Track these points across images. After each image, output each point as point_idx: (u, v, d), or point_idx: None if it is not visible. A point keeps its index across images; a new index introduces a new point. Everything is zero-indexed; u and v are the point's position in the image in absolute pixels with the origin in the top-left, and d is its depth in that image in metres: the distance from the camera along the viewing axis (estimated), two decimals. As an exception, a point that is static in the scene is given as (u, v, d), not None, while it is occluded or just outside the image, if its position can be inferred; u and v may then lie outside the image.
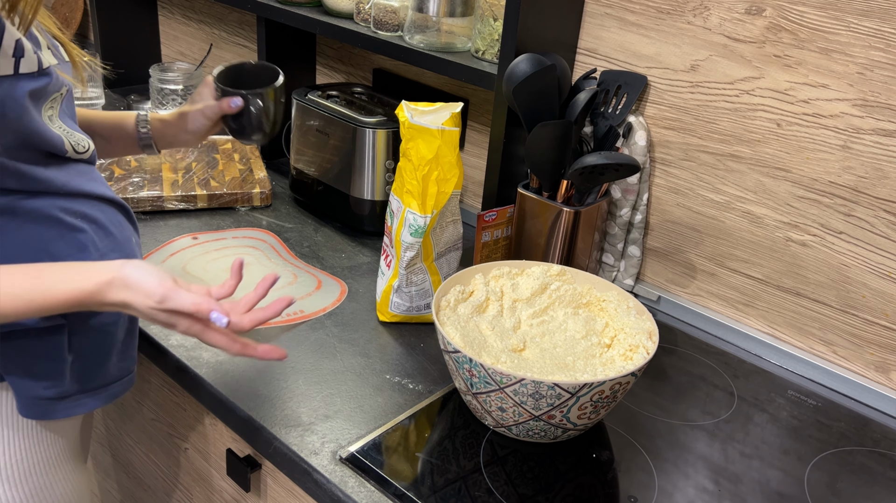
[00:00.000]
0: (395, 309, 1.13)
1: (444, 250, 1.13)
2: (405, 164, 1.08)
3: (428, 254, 1.11)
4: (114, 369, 0.93)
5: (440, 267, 1.13)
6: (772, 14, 1.03)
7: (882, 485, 0.93)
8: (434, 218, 1.07)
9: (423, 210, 1.07)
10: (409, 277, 1.11)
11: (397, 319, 1.14)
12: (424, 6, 1.24)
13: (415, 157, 1.06)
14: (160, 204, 1.41)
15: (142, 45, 2.08)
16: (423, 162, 1.05)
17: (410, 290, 1.12)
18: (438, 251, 1.12)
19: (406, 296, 1.12)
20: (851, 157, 1.02)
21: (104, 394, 0.92)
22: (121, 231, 0.92)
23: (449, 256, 1.15)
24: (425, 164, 1.05)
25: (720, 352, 1.17)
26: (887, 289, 1.04)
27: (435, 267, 1.13)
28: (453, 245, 1.15)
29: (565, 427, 0.89)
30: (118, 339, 0.91)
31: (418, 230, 1.07)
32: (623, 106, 1.17)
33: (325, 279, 1.25)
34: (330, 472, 0.86)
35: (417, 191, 1.06)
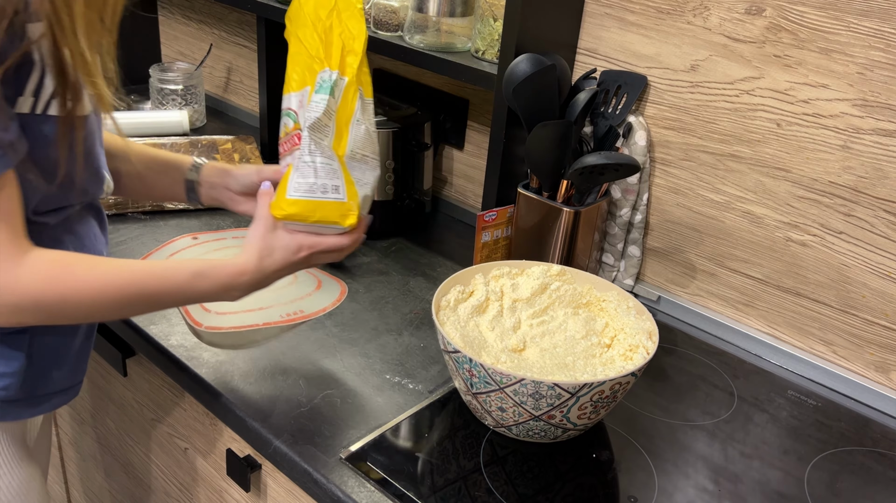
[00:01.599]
0: (293, 192, 0.87)
1: (359, 153, 0.91)
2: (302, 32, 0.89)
3: (341, 138, 0.89)
4: (61, 380, 0.92)
5: (352, 169, 0.90)
6: (772, 14, 1.03)
7: (882, 485, 0.93)
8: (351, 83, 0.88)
9: (329, 64, 0.88)
10: (314, 144, 0.87)
11: (294, 209, 0.87)
12: (424, 6, 1.24)
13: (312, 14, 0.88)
14: (160, 204, 1.41)
15: (142, 45, 2.07)
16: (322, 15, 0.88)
17: (315, 162, 0.87)
18: (352, 149, 0.90)
19: (309, 169, 0.87)
20: (851, 157, 1.02)
21: (46, 404, 0.92)
22: (94, 243, 0.92)
23: (363, 166, 0.92)
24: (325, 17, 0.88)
25: (720, 352, 1.17)
26: (887, 289, 1.04)
27: (346, 164, 0.89)
28: (370, 156, 0.93)
29: (565, 427, 0.89)
30: (75, 347, 0.91)
31: (323, 87, 0.87)
32: (623, 106, 1.17)
33: (325, 279, 1.25)
34: (330, 472, 0.86)
35: (319, 46, 0.88)
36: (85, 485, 1.53)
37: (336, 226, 0.89)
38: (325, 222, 0.89)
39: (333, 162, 0.89)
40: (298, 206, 0.88)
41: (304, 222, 0.88)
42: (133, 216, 1.40)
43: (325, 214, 0.88)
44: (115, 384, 1.28)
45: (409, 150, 1.38)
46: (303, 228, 0.89)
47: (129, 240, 1.31)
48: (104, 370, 1.29)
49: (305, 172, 0.87)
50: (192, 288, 0.85)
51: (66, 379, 0.93)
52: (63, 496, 1.63)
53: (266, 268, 0.88)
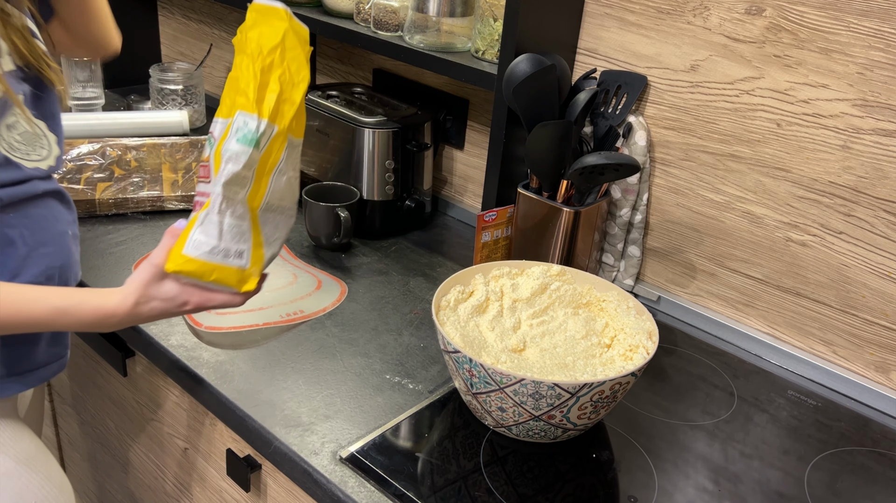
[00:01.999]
0: (192, 250, 0.80)
1: (276, 204, 0.84)
2: (240, 60, 0.80)
3: (258, 190, 0.81)
4: (42, 354, 0.94)
5: (264, 223, 0.83)
6: (772, 14, 1.03)
7: (882, 485, 0.93)
8: (280, 133, 0.80)
9: (259, 111, 0.78)
10: (226, 202, 0.79)
11: (190, 268, 0.80)
12: (424, 6, 1.24)
13: (254, 46, 0.79)
14: (160, 204, 1.41)
15: (142, 45, 2.07)
16: (264, 50, 0.79)
17: (223, 221, 0.80)
18: (269, 200, 0.82)
19: (214, 230, 0.79)
20: (851, 157, 1.02)
21: (32, 377, 0.93)
22: (54, 225, 0.93)
23: (278, 218, 0.85)
24: (268, 53, 0.79)
25: (720, 352, 1.17)
26: (887, 289, 1.04)
27: (258, 219, 0.82)
28: (287, 206, 0.86)
29: (565, 427, 0.89)
30: None
31: (248, 136, 0.78)
32: (623, 106, 1.17)
33: (325, 279, 1.25)
34: (330, 472, 0.86)
35: (253, 87, 0.78)
36: (85, 485, 1.53)
37: (231, 289, 0.84)
38: (221, 284, 0.83)
39: (244, 222, 0.82)
40: (194, 265, 0.81)
41: (198, 280, 0.82)
42: (133, 216, 1.40)
43: (221, 277, 0.82)
44: (115, 384, 1.28)
45: (408, 150, 1.38)
46: (195, 284, 0.83)
47: (129, 240, 1.31)
48: (104, 370, 1.29)
49: (209, 231, 0.80)
50: (52, 323, 0.83)
51: (47, 353, 0.94)
52: (63, 496, 1.63)
53: (139, 314, 0.84)
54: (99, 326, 0.85)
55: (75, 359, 1.36)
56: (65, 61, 1.78)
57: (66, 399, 1.45)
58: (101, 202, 1.37)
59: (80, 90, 1.81)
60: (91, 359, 1.31)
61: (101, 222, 1.36)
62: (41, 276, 0.91)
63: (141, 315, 0.85)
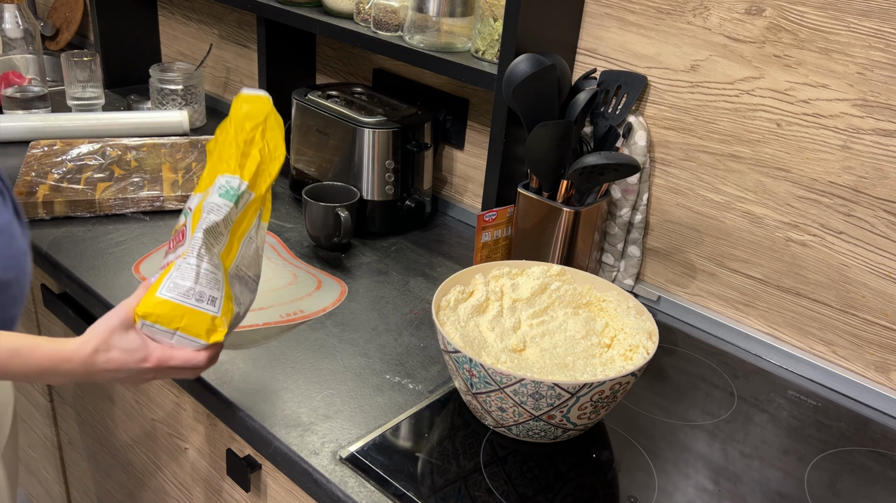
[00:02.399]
0: (166, 291, 0.81)
1: (243, 272, 0.88)
2: (222, 136, 0.88)
3: (230, 251, 0.85)
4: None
5: (233, 284, 0.86)
6: (772, 14, 1.03)
7: (882, 485, 0.93)
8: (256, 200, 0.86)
9: (241, 174, 0.85)
10: (205, 248, 0.81)
11: (161, 310, 0.80)
12: (424, 6, 1.24)
13: (236, 120, 0.87)
14: (160, 204, 1.41)
15: (142, 45, 2.08)
16: (247, 126, 0.87)
17: (200, 266, 0.81)
18: (238, 264, 0.87)
19: (191, 273, 0.81)
20: (851, 157, 1.02)
21: None
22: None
23: (244, 288, 0.89)
24: (250, 129, 0.87)
25: (720, 352, 1.17)
26: (887, 289, 1.04)
27: (228, 279, 0.85)
28: (252, 277, 0.90)
29: (565, 427, 0.89)
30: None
31: (229, 192, 0.84)
32: (623, 106, 1.17)
33: (325, 279, 1.25)
34: (330, 472, 0.86)
35: (235, 155, 0.85)
36: (85, 485, 1.53)
37: (198, 340, 0.82)
38: (188, 333, 0.82)
39: (219, 272, 0.83)
40: (166, 307, 0.81)
41: (166, 327, 0.81)
42: (133, 216, 1.40)
43: (190, 323, 0.81)
44: (115, 384, 1.28)
45: (408, 150, 1.38)
46: (160, 335, 0.82)
47: (129, 240, 1.31)
48: (104, 370, 1.29)
49: (186, 274, 0.81)
50: (5, 367, 0.80)
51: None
52: (63, 496, 1.63)
53: (96, 364, 0.81)
54: (52, 373, 0.81)
55: (75, 359, 1.36)
56: (65, 61, 1.78)
57: (67, 399, 1.46)
58: (101, 202, 1.37)
59: (80, 90, 1.81)
60: (91, 359, 1.31)
61: (101, 222, 1.36)
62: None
63: (96, 364, 0.81)
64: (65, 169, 1.47)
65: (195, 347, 0.82)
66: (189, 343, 0.82)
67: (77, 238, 1.30)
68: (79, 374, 0.82)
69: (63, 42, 2.25)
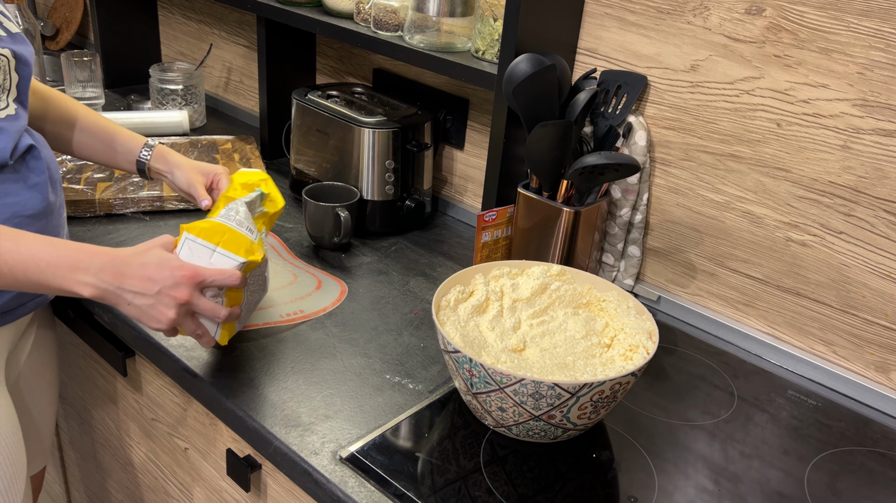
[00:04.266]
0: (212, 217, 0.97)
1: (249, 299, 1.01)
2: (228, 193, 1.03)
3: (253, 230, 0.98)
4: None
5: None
6: (772, 14, 1.03)
7: (882, 485, 0.93)
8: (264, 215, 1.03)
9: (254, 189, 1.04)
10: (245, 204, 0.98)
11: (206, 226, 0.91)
12: (424, 6, 1.24)
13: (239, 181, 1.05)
14: (160, 204, 1.41)
15: (142, 45, 2.08)
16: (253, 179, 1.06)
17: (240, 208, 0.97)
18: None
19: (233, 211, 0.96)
20: (851, 157, 1.02)
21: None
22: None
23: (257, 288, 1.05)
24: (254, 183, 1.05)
25: (720, 352, 1.17)
26: (887, 289, 1.04)
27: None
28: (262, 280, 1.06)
29: (565, 427, 0.89)
30: None
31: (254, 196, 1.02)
32: (623, 106, 1.17)
33: (325, 279, 1.25)
34: (330, 472, 0.86)
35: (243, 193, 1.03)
36: (85, 485, 1.53)
37: (236, 257, 0.89)
38: (228, 249, 0.89)
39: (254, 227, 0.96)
40: (212, 224, 0.90)
41: (207, 240, 0.89)
42: (133, 216, 1.40)
43: (231, 240, 0.90)
44: (115, 384, 1.28)
45: (408, 150, 1.38)
46: (200, 251, 0.88)
47: (129, 240, 1.31)
48: (104, 370, 1.29)
49: (230, 208, 0.94)
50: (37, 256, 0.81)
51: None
52: (63, 496, 1.63)
53: (131, 265, 0.83)
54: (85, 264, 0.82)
55: (75, 358, 1.36)
56: (65, 61, 1.78)
57: (67, 399, 1.46)
58: (101, 202, 1.37)
59: (80, 90, 1.81)
60: (91, 359, 1.31)
61: (101, 222, 1.36)
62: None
63: (131, 265, 0.83)
64: (65, 169, 1.47)
65: (233, 265, 0.89)
66: (227, 260, 0.89)
67: (77, 238, 1.30)
68: (112, 273, 0.83)
69: (63, 42, 2.25)
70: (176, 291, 0.85)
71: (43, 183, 0.98)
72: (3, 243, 0.82)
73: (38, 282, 0.83)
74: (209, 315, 0.89)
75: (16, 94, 0.96)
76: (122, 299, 0.85)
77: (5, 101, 0.94)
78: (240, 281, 0.89)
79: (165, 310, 0.85)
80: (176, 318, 0.86)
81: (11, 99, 0.95)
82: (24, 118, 0.97)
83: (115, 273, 0.84)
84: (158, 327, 0.87)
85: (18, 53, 0.95)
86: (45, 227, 0.98)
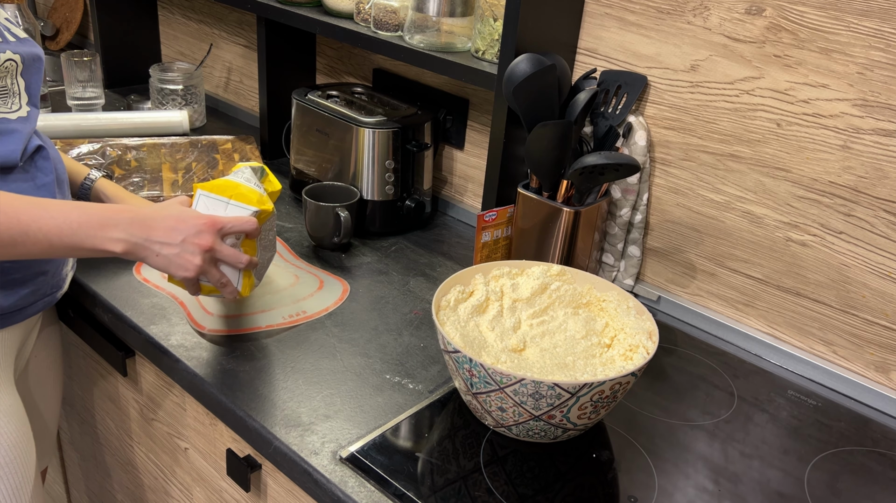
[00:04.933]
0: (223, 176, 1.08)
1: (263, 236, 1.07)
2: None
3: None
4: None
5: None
6: (772, 14, 1.03)
7: (882, 485, 0.93)
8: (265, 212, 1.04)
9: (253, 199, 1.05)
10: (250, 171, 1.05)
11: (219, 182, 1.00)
12: (424, 6, 1.24)
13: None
14: (160, 204, 1.41)
15: (142, 45, 2.08)
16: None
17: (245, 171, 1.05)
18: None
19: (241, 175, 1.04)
20: (851, 157, 1.02)
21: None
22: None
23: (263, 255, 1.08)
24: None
25: (720, 352, 1.17)
26: (887, 289, 1.04)
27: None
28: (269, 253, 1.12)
29: (565, 427, 0.89)
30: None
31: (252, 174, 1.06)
32: (623, 106, 1.17)
33: (327, 278, 1.25)
34: (330, 472, 0.86)
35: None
36: (85, 485, 1.53)
37: (249, 206, 0.97)
38: (240, 201, 0.98)
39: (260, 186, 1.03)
40: (223, 181, 0.99)
41: (220, 194, 0.97)
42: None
43: (242, 193, 0.98)
44: (115, 384, 1.28)
45: (408, 150, 1.38)
46: (215, 204, 0.97)
47: (129, 240, 1.31)
48: (104, 370, 1.29)
49: (237, 173, 1.02)
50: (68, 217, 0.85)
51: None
52: (63, 496, 1.63)
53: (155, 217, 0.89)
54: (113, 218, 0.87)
55: (75, 359, 1.36)
56: (65, 61, 1.78)
57: (67, 399, 1.46)
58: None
59: (80, 90, 1.81)
60: (91, 359, 1.31)
61: (101, 222, 1.36)
62: None
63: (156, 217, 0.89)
64: (65, 169, 1.46)
65: (247, 214, 0.97)
66: (241, 210, 0.97)
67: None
68: (139, 224, 0.88)
69: (63, 42, 2.25)
70: (199, 238, 0.91)
71: (50, 183, 0.99)
72: (34, 211, 0.85)
73: (71, 244, 0.87)
74: (232, 261, 0.95)
75: (27, 97, 0.98)
76: (150, 251, 0.90)
77: (18, 103, 0.95)
78: (255, 228, 0.96)
79: (191, 258, 0.91)
80: (202, 265, 0.92)
81: (24, 101, 0.97)
82: (36, 120, 0.99)
83: (143, 226, 0.89)
84: (186, 274, 0.92)
85: (27, 56, 0.97)
86: None
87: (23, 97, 0.97)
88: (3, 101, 0.94)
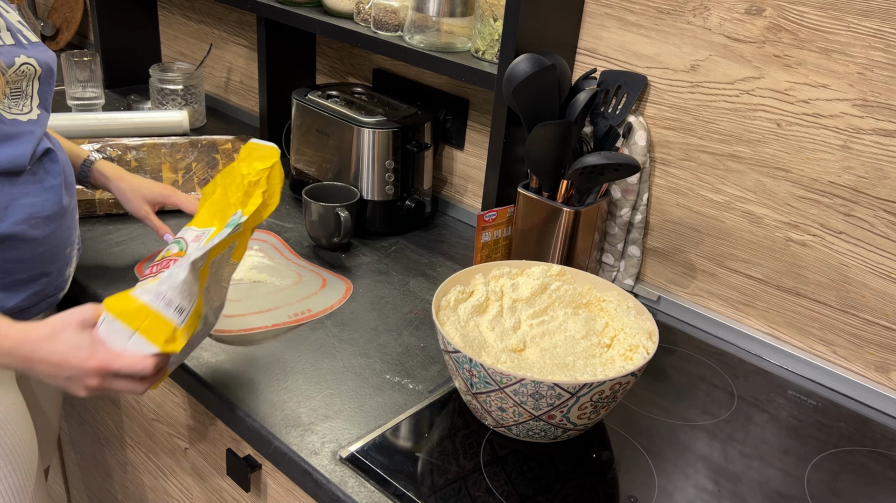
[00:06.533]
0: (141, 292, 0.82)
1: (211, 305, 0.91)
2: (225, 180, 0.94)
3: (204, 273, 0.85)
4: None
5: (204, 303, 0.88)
6: (772, 14, 1.03)
7: (882, 485, 0.93)
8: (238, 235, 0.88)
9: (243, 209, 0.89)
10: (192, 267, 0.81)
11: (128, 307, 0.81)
12: (424, 6, 1.24)
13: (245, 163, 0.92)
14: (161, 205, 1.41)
15: (142, 45, 2.08)
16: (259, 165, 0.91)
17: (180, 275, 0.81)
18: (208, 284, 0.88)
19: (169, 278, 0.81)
20: (851, 157, 1.02)
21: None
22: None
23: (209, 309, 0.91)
24: (256, 174, 0.91)
25: (720, 352, 1.17)
26: (887, 289, 1.04)
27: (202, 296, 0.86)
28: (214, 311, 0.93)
29: (565, 427, 0.89)
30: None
31: (234, 222, 0.87)
32: (623, 106, 1.17)
33: (330, 277, 1.25)
34: (330, 472, 0.86)
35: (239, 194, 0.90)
36: (85, 485, 1.53)
37: (153, 346, 0.81)
38: (146, 337, 0.81)
39: (195, 286, 0.84)
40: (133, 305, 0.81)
41: (127, 325, 0.81)
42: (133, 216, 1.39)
43: (152, 327, 0.81)
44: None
45: (408, 150, 1.38)
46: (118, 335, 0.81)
47: (129, 240, 1.31)
48: (104, 370, 1.29)
49: (163, 279, 0.81)
50: None
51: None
52: (63, 496, 1.63)
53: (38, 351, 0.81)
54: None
55: (75, 359, 1.36)
56: (65, 61, 1.78)
57: (67, 399, 1.46)
58: (101, 202, 1.37)
59: (80, 90, 1.81)
60: (91, 359, 1.31)
61: (101, 222, 1.36)
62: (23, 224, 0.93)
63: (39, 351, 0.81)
64: (65, 169, 1.46)
65: (147, 353, 0.81)
66: (143, 348, 0.81)
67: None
68: (19, 357, 0.81)
69: (63, 42, 2.25)
70: (85, 380, 0.82)
71: (58, 185, 0.99)
72: None
73: None
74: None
75: (38, 100, 0.98)
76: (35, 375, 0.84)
77: (29, 105, 0.96)
78: (152, 370, 0.82)
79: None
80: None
81: (35, 104, 0.98)
82: (45, 122, 0.99)
83: (22, 358, 0.82)
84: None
85: (45, 65, 0.98)
86: (59, 229, 1.00)
87: (34, 100, 0.97)
88: (15, 102, 0.94)
